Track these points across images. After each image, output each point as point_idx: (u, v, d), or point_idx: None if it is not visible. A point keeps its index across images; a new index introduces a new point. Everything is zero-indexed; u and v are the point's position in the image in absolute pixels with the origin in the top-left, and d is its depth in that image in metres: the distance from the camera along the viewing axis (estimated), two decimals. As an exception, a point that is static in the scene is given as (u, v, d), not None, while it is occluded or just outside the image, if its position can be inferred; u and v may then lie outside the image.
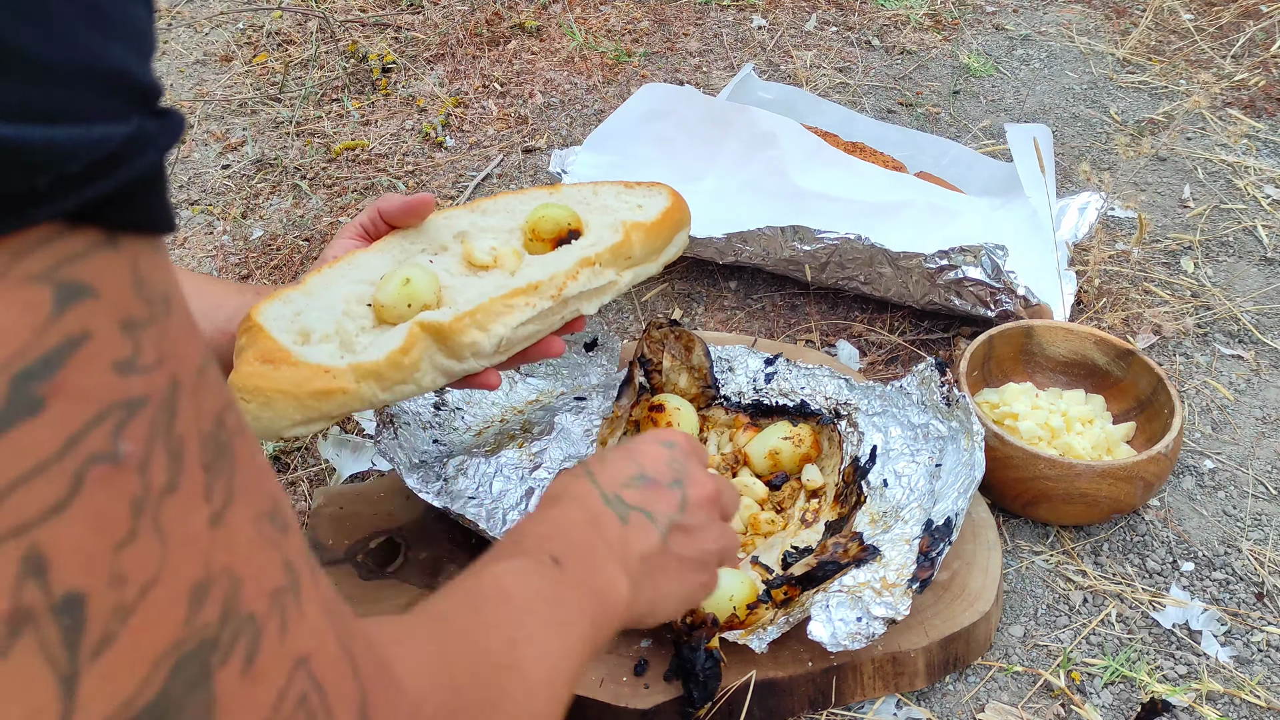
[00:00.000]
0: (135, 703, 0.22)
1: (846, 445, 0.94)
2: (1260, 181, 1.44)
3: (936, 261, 1.11)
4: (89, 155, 0.21)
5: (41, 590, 0.21)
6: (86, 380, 0.21)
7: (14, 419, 0.20)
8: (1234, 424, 1.09)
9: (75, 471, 0.21)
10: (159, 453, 0.23)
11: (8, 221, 0.20)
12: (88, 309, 0.21)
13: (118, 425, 0.22)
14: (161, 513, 0.23)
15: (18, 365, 0.20)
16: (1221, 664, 0.86)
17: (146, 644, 0.23)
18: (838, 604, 0.77)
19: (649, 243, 0.80)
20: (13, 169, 0.20)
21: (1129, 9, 1.90)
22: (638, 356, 1.00)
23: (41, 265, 0.21)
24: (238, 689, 0.24)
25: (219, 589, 0.24)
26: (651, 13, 1.93)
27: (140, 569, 0.22)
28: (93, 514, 0.21)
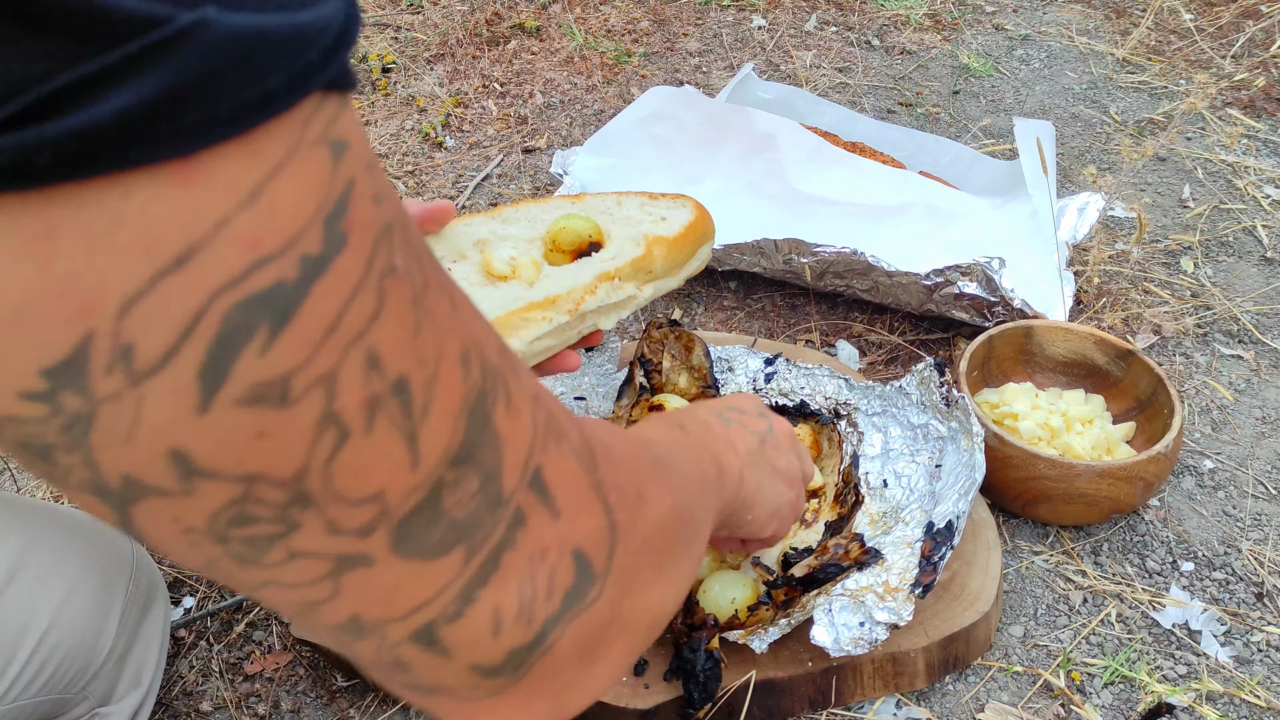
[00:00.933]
0: (453, 445, 0.30)
1: (846, 445, 0.94)
2: (1260, 181, 1.44)
3: (932, 279, 1.11)
4: (334, 29, 0.25)
5: (381, 379, 0.27)
6: (362, 215, 0.26)
7: (333, 253, 0.25)
8: (1234, 424, 1.09)
9: (378, 286, 0.26)
10: (411, 260, 0.28)
11: (301, 91, 0.24)
12: (350, 158, 0.26)
13: (389, 245, 0.27)
14: (428, 304, 0.29)
15: (325, 211, 0.25)
16: (1221, 664, 0.86)
17: (449, 402, 0.29)
18: (840, 608, 0.77)
19: (671, 257, 0.78)
20: (298, 48, 0.24)
21: (1129, 9, 1.91)
22: (638, 356, 1.00)
23: (319, 128, 0.25)
24: (507, 423, 0.32)
25: (475, 353, 0.31)
26: (651, 13, 1.93)
27: (431, 349, 0.29)
28: (396, 314, 0.27)
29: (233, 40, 0.22)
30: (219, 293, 0.23)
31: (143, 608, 0.76)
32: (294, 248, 0.24)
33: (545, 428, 0.34)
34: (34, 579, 0.67)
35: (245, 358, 0.24)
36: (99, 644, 0.71)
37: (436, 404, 0.29)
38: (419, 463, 0.29)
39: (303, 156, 0.25)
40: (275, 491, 0.26)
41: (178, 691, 0.87)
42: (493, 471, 0.31)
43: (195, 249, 0.23)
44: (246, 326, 0.24)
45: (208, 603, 0.95)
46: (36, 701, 0.67)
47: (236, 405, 0.25)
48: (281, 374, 0.25)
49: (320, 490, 0.27)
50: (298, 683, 0.88)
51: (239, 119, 0.23)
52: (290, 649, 0.90)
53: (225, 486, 0.26)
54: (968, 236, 1.19)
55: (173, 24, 0.21)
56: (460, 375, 0.30)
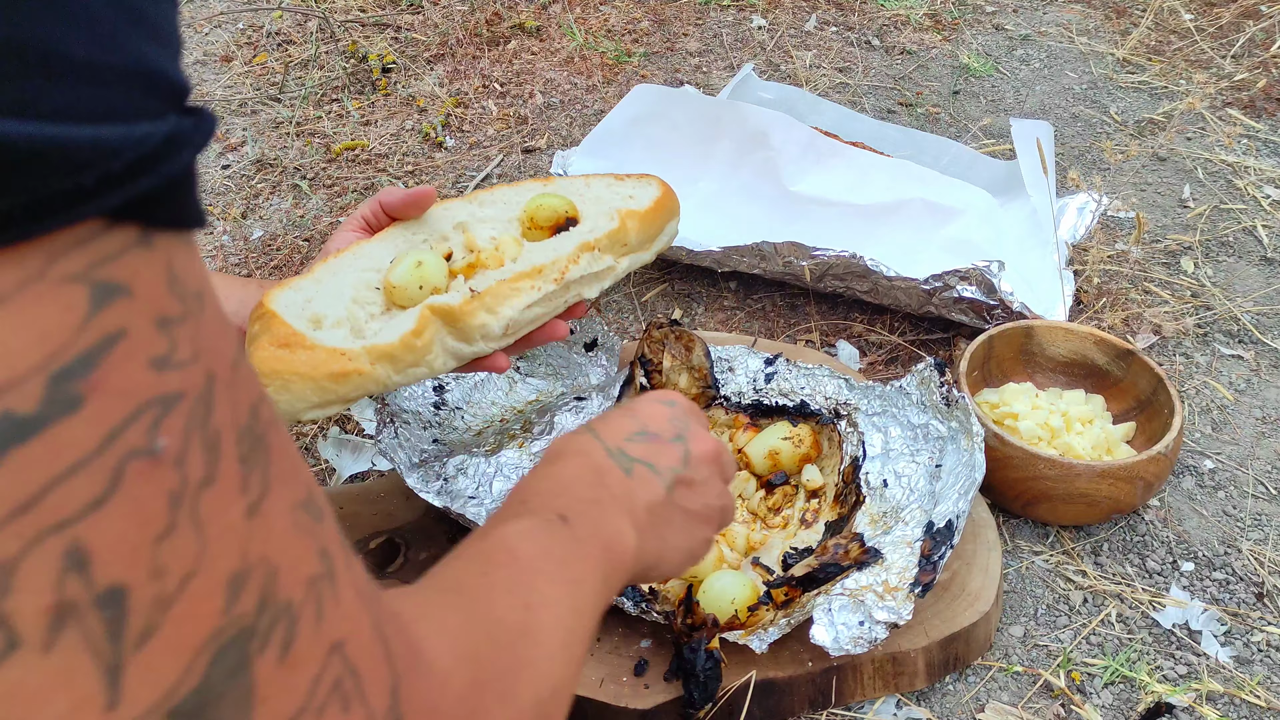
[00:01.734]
0: (178, 691, 0.23)
1: (846, 445, 0.94)
2: (1260, 181, 1.44)
3: (931, 284, 1.11)
4: (132, 153, 0.21)
5: (84, 584, 0.21)
6: (123, 377, 0.22)
7: (53, 417, 0.21)
8: (1234, 424, 1.09)
9: (114, 467, 0.22)
10: (195, 447, 0.23)
11: (54, 219, 0.20)
12: (123, 307, 0.22)
13: (155, 420, 0.22)
14: (199, 505, 0.24)
15: (56, 364, 0.21)
16: (1221, 664, 0.86)
17: (188, 633, 0.23)
18: (840, 607, 0.77)
19: (643, 230, 0.82)
20: (61, 168, 0.20)
21: (1129, 9, 1.90)
22: (638, 356, 1.00)
23: (78, 265, 0.21)
24: (275, 675, 0.25)
25: (256, 578, 0.25)
26: (651, 13, 1.93)
27: (180, 561, 0.23)
28: (132, 508, 0.22)
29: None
30: None
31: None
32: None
33: (331, 689, 0.28)
34: None
35: None
36: None
37: (166, 632, 0.23)
38: (118, 703, 0.22)
39: (35, 294, 0.20)
40: None
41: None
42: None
43: None
44: None
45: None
46: None
47: None
48: None
49: None
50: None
51: None
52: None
53: None
54: (966, 235, 1.19)
55: None
56: (220, 602, 0.24)
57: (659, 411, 0.63)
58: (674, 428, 0.62)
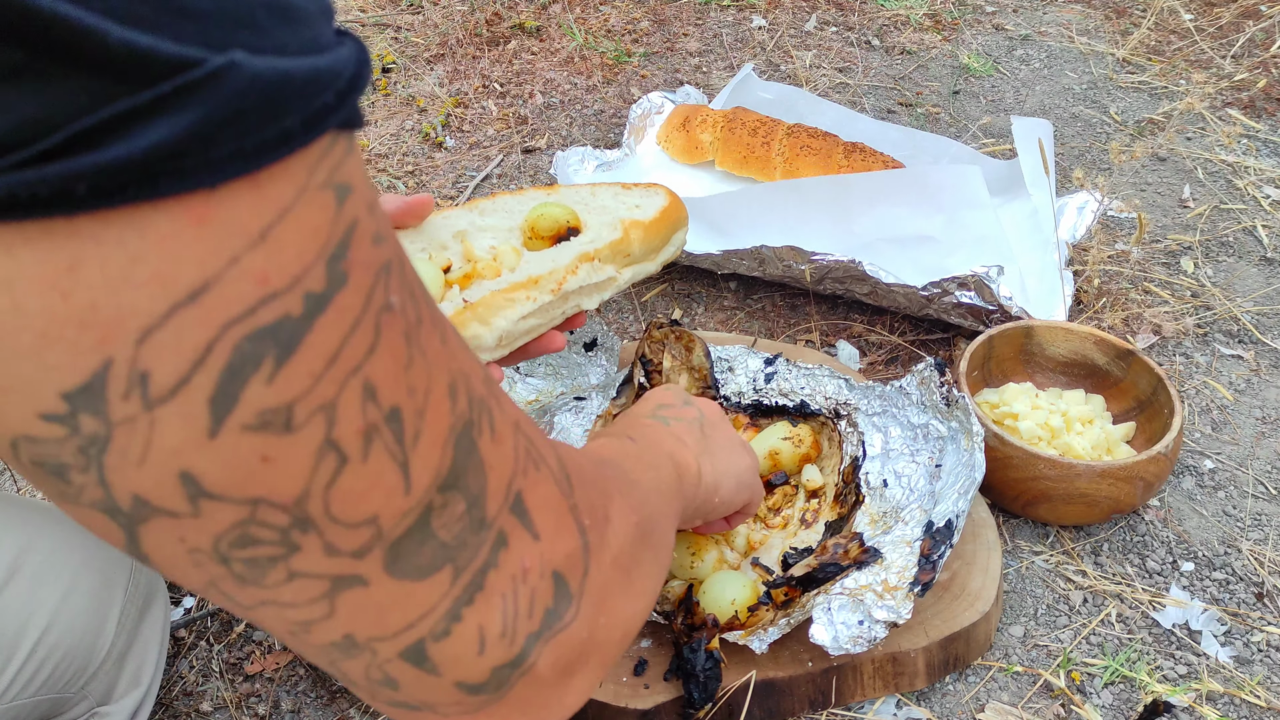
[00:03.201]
0: (441, 471, 0.31)
1: (846, 445, 0.93)
2: (1260, 181, 1.44)
3: (930, 290, 1.11)
4: (348, 73, 0.26)
5: (376, 409, 0.28)
6: (363, 254, 0.28)
7: (335, 290, 0.27)
8: (1234, 424, 1.09)
9: (375, 321, 0.28)
10: (406, 297, 0.30)
11: (315, 131, 0.26)
12: (353, 201, 0.27)
13: (385, 283, 0.29)
14: (419, 339, 0.30)
15: (328, 252, 0.27)
16: (1221, 664, 0.86)
17: (438, 431, 0.31)
18: (839, 607, 0.77)
19: (647, 241, 0.81)
20: (315, 91, 0.25)
21: (1129, 9, 1.90)
22: (638, 356, 1.00)
23: (325, 172, 0.27)
24: (492, 449, 0.34)
25: (461, 386, 0.32)
26: (651, 13, 1.93)
27: (421, 381, 0.30)
28: (390, 348, 0.29)
29: (259, 82, 0.24)
30: (230, 325, 0.25)
31: (142, 607, 0.76)
32: (299, 285, 0.26)
33: (525, 454, 0.36)
34: (33, 578, 0.67)
35: (253, 386, 0.26)
36: (98, 643, 0.71)
37: (426, 432, 0.30)
38: (411, 488, 0.30)
39: (308, 200, 0.26)
40: (278, 515, 0.28)
41: (178, 691, 0.87)
42: (478, 496, 0.33)
43: (208, 284, 0.24)
44: (255, 357, 0.25)
45: (208, 602, 0.95)
46: (36, 700, 0.67)
47: (244, 431, 0.26)
48: (286, 402, 0.26)
49: (320, 514, 0.28)
50: (298, 683, 0.88)
51: (258, 155, 0.25)
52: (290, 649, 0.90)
53: (231, 509, 0.27)
54: (962, 235, 1.18)
55: (205, 66, 0.23)
56: (448, 406, 0.32)
57: (664, 393, 0.73)
58: (680, 397, 0.72)
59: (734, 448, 0.71)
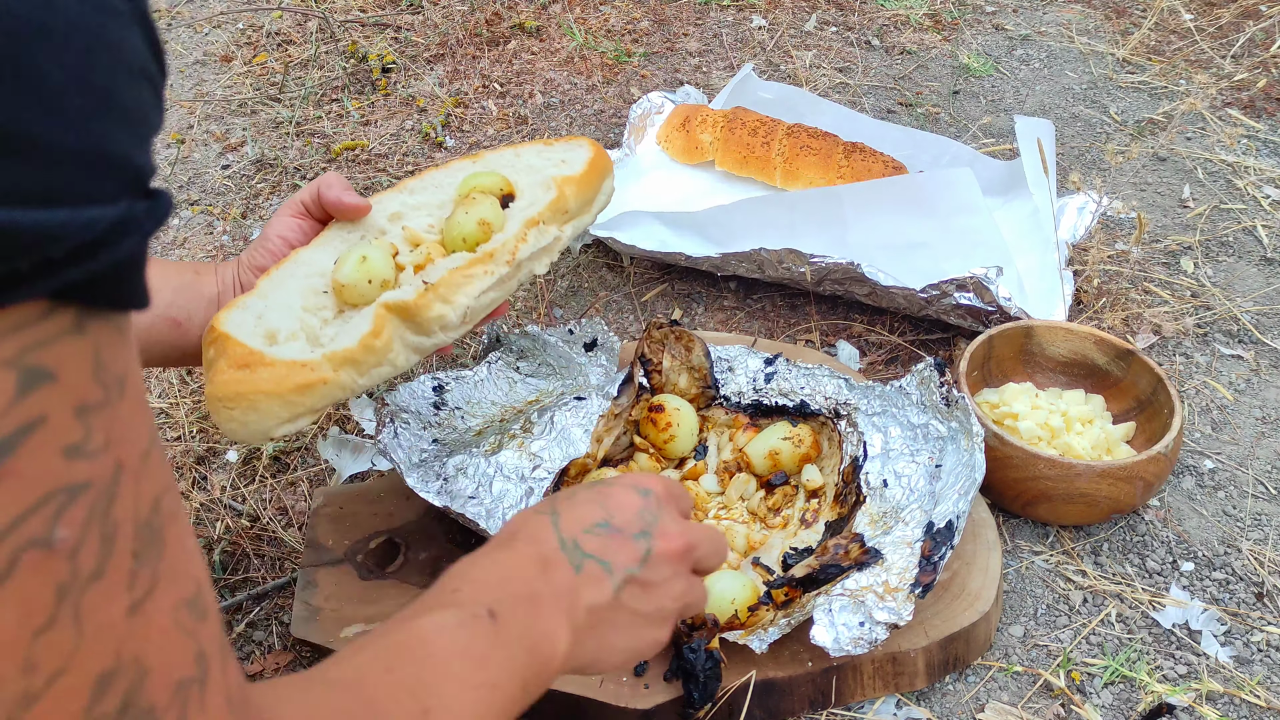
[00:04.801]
0: None
1: (846, 445, 0.93)
2: (1260, 181, 1.44)
3: (929, 292, 1.11)
4: (75, 239, 0.21)
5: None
6: (36, 465, 0.21)
7: None
8: (1234, 424, 1.09)
9: (9, 556, 0.21)
10: (92, 538, 0.23)
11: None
12: (47, 394, 0.21)
13: (58, 510, 0.22)
14: (84, 600, 0.23)
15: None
16: (1221, 664, 0.86)
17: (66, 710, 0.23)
18: (840, 608, 0.77)
19: (581, 194, 0.82)
20: (1, 252, 0.20)
21: (1129, 9, 1.90)
22: (638, 356, 1.00)
23: (10, 350, 0.21)
24: None
25: (123, 680, 0.24)
26: (651, 13, 1.93)
27: (52, 657, 0.22)
28: (19, 599, 0.22)
29: None
30: None
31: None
32: None
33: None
34: None
35: None
36: None
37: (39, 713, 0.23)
38: None
39: None
40: None
41: (177, 691, 0.87)
42: None
43: None
44: None
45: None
46: None
47: None
48: None
49: None
50: (297, 683, 0.88)
51: None
52: (290, 649, 0.90)
53: None
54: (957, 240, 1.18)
55: None
56: (82, 702, 0.24)
57: (629, 502, 0.58)
58: (641, 522, 0.57)
59: (653, 617, 0.57)
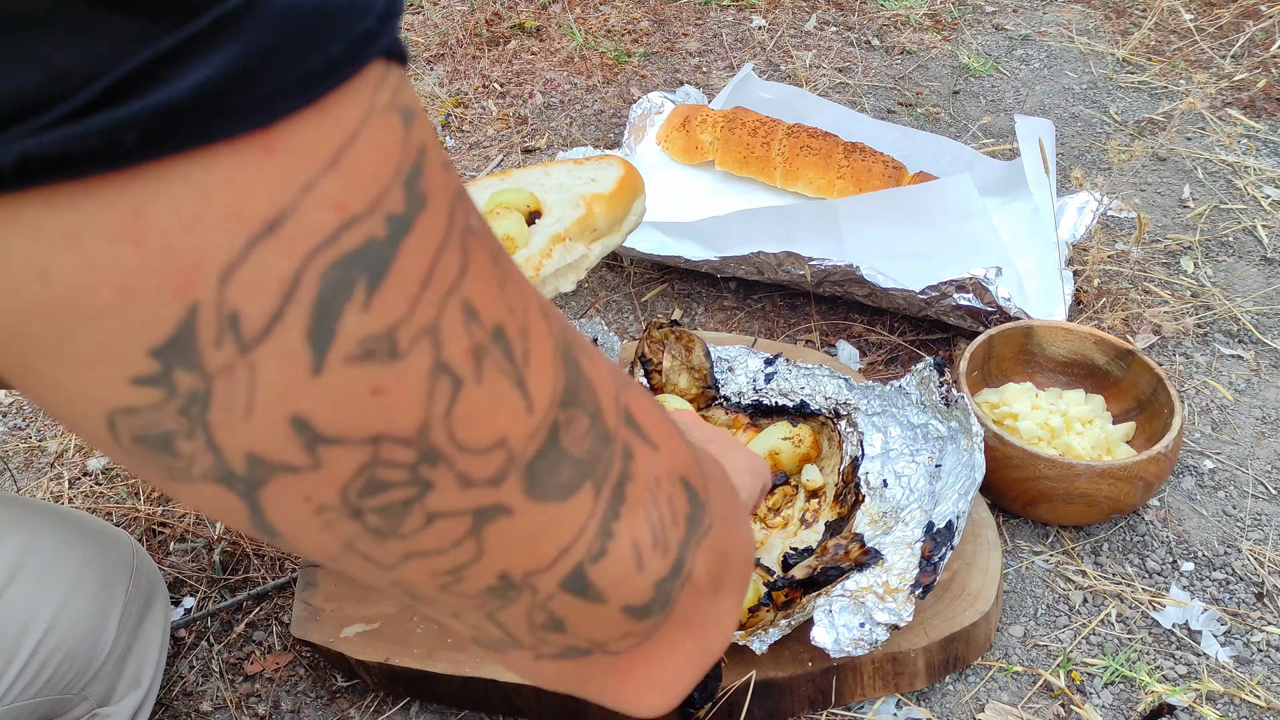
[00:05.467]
0: (557, 388, 0.30)
1: (846, 445, 0.94)
2: (1260, 181, 1.44)
3: (929, 294, 1.11)
4: (384, 3, 0.26)
5: (480, 328, 0.27)
6: (437, 177, 0.27)
7: (416, 213, 0.26)
8: (1234, 424, 1.09)
9: (461, 242, 0.27)
10: (480, 223, 0.29)
11: (362, 58, 0.25)
12: (419, 125, 0.27)
13: (465, 206, 0.28)
14: (504, 261, 0.30)
15: (403, 174, 0.26)
16: (1221, 664, 0.86)
17: (545, 348, 0.30)
18: (840, 609, 0.77)
19: (611, 213, 0.81)
20: (355, 16, 0.24)
21: (1129, 9, 1.90)
22: (638, 356, 1.00)
23: (387, 96, 0.26)
24: (592, 368, 0.33)
25: (549, 308, 0.32)
26: (651, 13, 1.93)
27: (517, 301, 0.29)
28: (481, 269, 0.28)
29: (295, 10, 0.23)
30: (313, 254, 0.24)
31: (143, 608, 0.76)
32: (379, 208, 0.25)
33: (617, 373, 0.36)
34: (34, 580, 0.67)
35: (349, 314, 0.25)
36: (99, 644, 0.71)
37: (535, 350, 0.30)
38: (532, 406, 0.29)
39: (375, 123, 0.25)
40: (402, 451, 0.26)
41: (178, 691, 0.87)
42: (596, 411, 0.32)
43: (285, 214, 0.23)
44: (345, 284, 0.24)
45: (208, 603, 0.95)
46: (36, 702, 0.67)
47: (349, 363, 0.25)
48: (387, 327, 0.25)
49: (446, 443, 0.27)
50: (298, 683, 0.88)
51: (309, 87, 0.24)
52: (290, 649, 0.90)
53: (352, 452, 0.26)
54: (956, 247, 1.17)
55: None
56: (545, 326, 0.31)
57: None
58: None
59: (719, 440, 0.68)
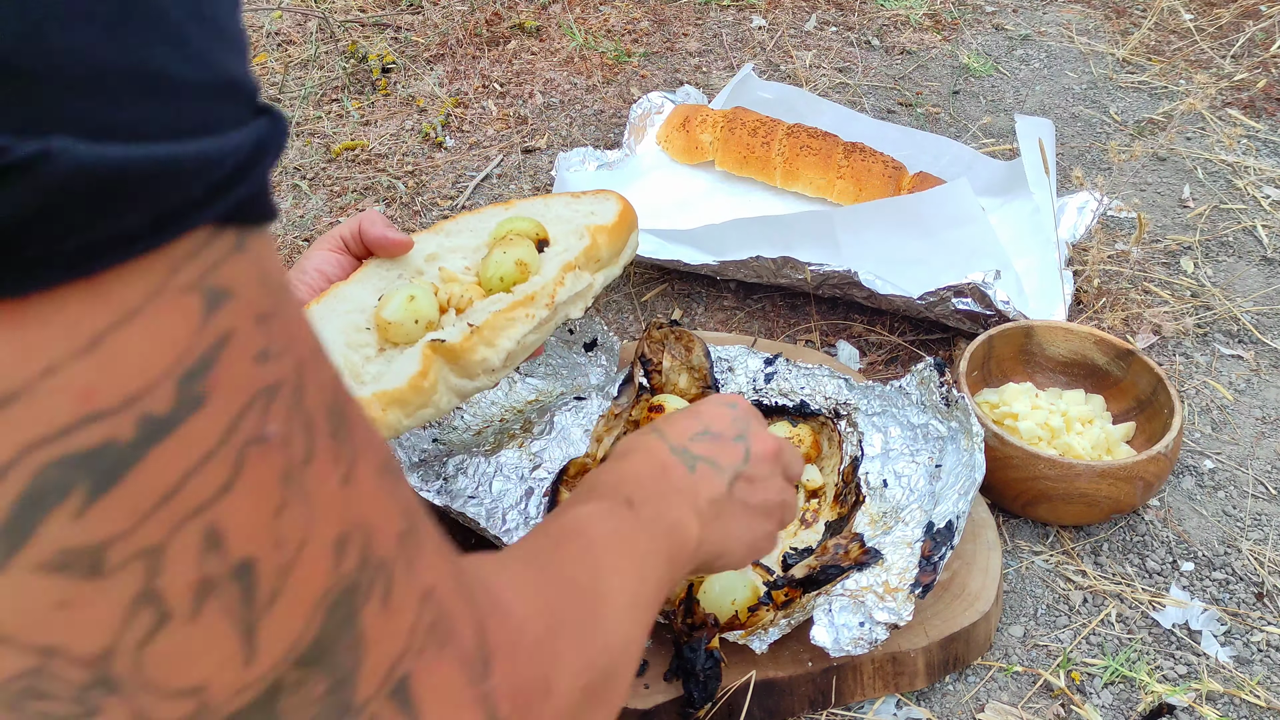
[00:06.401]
0: (301, 643, 0.27)
1: (846, 445, 0.94)
2: (1260, 181, 1.44)
3: (927, 299, 1.11)
4: (230, 162, 0.23)
5: (220, 560, 0.24)
6: (235, 374, 0.24)
7: (184, 415, 0.23)
8: (1234, 424, 1.09)
9: (236, 455, 0.24)
10: (296, 428, 0.26)
11: (173, 230, 0.22)
12: (230, 309, 0.24)
13: (264, 409, 0.25)
14: (305, 480, 0.26)
15: (182, 368, 0.23)
16: (1221, 664, 0.86)
17: (305, 594, 0.27)
18: (840, 608, 0.77)
19: (612, 244, 0.83)
20: (176, 183, 0.22)
21: (1129, 9, 1.91)
22: (638, 356, 1.00)
23: (192, 275, 0.23)
24: (379, 623, 0.29)
25: (355, 540, 0.28)
26: (651, 13, 1.93)
27: (295, 531, 0.26)
28: (253, 489, 0.25)
29: (84, 174, 0.20)
30: (34, 447, 0.21)
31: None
32: (134, 405, 0.22)
33: (428, 630, 0.31)
34: None
35: (54, 520, 0.22)
36: None
37: (288, 594, 0.26)
38: (254, 658, 0.26)
39: (161, 305, 0.23)
40: (75, 670, 0.24)
41: (177, 691, 0.87)
42: (346, 676, 0.28)
43: (14, 396, 0.21)
44: (60, 487, 0.22)
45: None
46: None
47: (37, 570, 0.22)
48: (95, 543, 0.23)
49: (128, 675, 0.24)
50: (297, 683, 0.88)
51: (86, 260, 0.21)
52: (290, 649, 0.90)
53: (18, 655, 0.23)
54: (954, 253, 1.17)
55: (9, 155, 0.20)
56: (328, 564, 0.27)
57: (722, 413, 0.66)
58: (736, 428, 0.65)
59: (761, 510, 0.63)
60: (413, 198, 1.45)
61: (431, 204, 1.44)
